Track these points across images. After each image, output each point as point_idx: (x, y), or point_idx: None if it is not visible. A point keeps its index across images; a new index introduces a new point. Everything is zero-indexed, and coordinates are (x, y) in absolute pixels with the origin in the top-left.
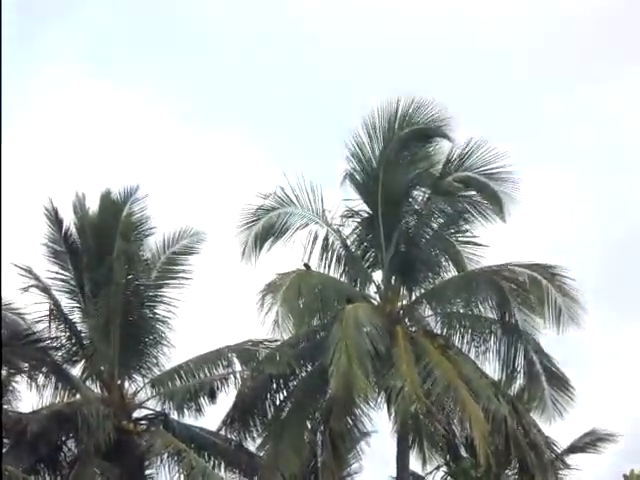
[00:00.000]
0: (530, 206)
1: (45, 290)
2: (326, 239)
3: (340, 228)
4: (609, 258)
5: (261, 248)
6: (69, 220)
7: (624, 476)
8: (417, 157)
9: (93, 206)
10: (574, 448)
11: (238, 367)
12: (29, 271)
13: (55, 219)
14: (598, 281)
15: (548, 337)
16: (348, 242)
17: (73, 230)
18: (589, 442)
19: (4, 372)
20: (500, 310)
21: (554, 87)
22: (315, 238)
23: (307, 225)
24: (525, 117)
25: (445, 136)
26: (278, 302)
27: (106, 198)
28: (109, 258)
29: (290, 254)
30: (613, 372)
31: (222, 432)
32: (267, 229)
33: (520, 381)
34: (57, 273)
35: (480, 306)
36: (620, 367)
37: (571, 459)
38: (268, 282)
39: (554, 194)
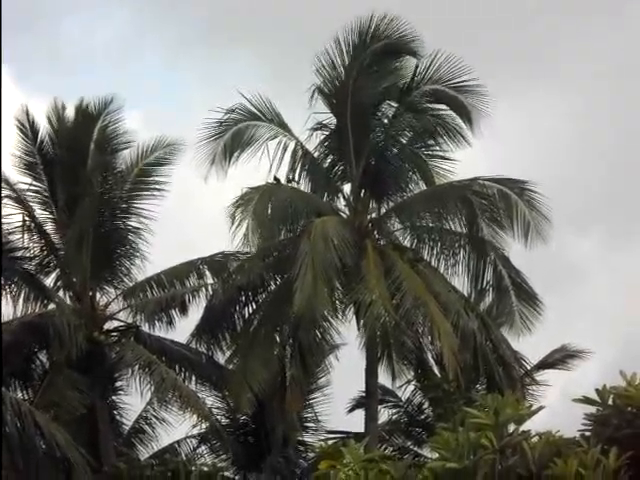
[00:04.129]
0: (506, 123)
1: (19, 200)
2: (295, 151)
3: (309, 141)
4: (592, 178)
5: (230, 158)
6: (44, 130)
7: (596, 390)
8: (387, 71)
9: (69, 116)
10: (544, 364)
11: (210, 280)
12: (4, 181)
13: (31, 129)
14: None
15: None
16: (317, 155)
17: (47, 141)
18: (559, 358)
19: None
20: (469, 224)
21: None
22: (284, 150)
23: (276, 137)
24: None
25: (414, 54)
26: (249, 215)
27: (81, 109)
28: (83, 170)
29: (259, 167)
30: (603, 289)
31: (192, 345)
32: (236, 140)
33: (489, 296)
34: (30, 184)
35: (449, 220)
36: (611, 284)
37: (541, 375)
38: (238, 195)
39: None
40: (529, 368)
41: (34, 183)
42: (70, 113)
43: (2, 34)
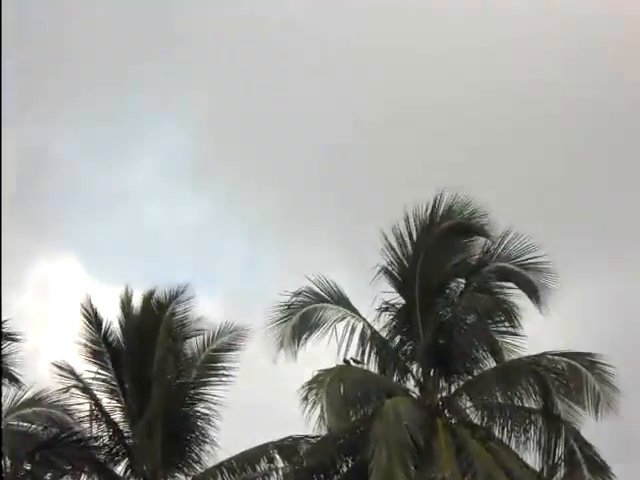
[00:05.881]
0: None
1: (86, 390)
2: (363, 333)
3: (377, 322)
4: None
5: (299, 340)
6: (113, 318)
7: None
8: (455, 249)
9: (139, 304)
10: None
11: (280, 463)
12: (70, 371)
13: (95, 319)
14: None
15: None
16: (385, 335)
17: (115, 328)
18: None
19: (49, 475)
20: (542, 399)
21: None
22: (352, 331)
23: (344, 319)
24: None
25: (485, 234)
26: (323, 398)
27: (150, 296)
28: (151, 357)
29: (329, 348)
30: None
31: None
32: (304, 322)
33: (561, 470)
34: (97, 373)
35: (520, 396)
36: None
37: None
38: (311, 379)
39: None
40: None
41: (100, 372)
42: (140, 301)
43: (79, 221)
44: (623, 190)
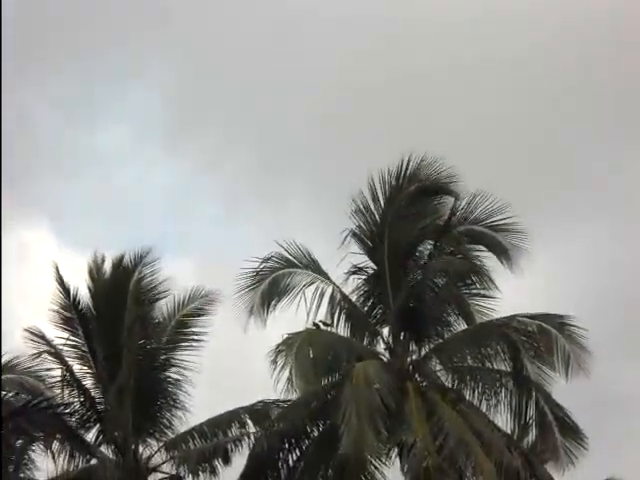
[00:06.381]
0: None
1: (57, 356)
2: (333, 297)
3: (346, 285)
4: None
5: (268, 307)
6: (84, 284)
7: None
8: (423, 212)
9: (108, 270)
10: None
11: (252, 429)
12: (41, 337)
13: (63, 285)
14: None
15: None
16: (355, 299)
17: (84, 295)
18: None
19: (20, 442)
20: (511, 362)
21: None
22: (322, 296)
23: (313, 283)
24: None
25: (452, 194)
26: (291, 362)
27: (118, 263)
28: (120, 322)
29: (298, 313)
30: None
31: None
32: (273, 289)
33: (532, 432)
34: (67, 339)
35: (490, 359)
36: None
37: None
38: (280, 342)
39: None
40: None
41: (71, 338)
42: (109, 266)
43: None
44: (606, 142)
